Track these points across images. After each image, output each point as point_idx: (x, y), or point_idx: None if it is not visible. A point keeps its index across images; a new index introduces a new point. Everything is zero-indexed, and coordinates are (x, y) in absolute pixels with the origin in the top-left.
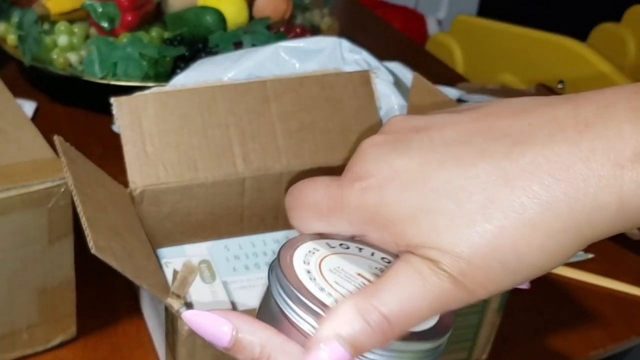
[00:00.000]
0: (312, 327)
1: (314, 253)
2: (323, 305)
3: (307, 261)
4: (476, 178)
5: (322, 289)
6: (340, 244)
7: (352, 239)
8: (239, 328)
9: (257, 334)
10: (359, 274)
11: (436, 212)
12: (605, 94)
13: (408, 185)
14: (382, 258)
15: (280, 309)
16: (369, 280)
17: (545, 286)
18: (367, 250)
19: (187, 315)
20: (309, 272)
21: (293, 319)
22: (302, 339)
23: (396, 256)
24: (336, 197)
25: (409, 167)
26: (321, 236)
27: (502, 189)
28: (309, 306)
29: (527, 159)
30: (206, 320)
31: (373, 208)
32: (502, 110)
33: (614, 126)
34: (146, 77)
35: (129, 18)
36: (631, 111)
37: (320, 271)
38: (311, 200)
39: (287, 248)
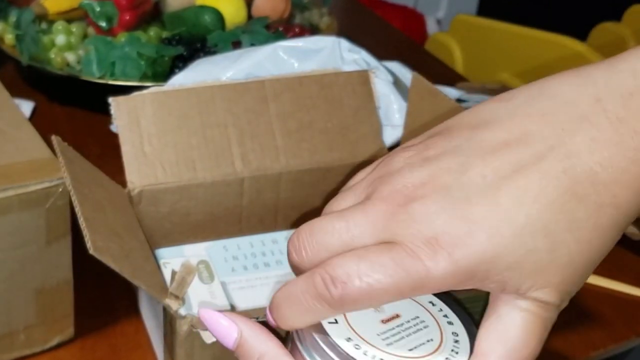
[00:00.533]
0: None
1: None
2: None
3: (341, 331)
4: (552, 204)
5: (357, 346)
6: None
7: None
8: (245, 334)
9: (260, 343)
10: (382, 321)
11: (535, 252)
12: (621, 78)
13: (496, 233)
14: None
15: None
16: (390, 319)
17: None
18: None
19: (202, 313)
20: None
21: None
22: None
23: None
24: (420, 273)
25: (485, 214)
26: None
27: (579, 209)
28: None
29: (585, 173)
30: (218, 321)
31: (469, 268)
32: (523, 120)
33: None
34: (144, 77)
35: (127, 17)
36: None
37: (348, 322)
38: (384, 288)
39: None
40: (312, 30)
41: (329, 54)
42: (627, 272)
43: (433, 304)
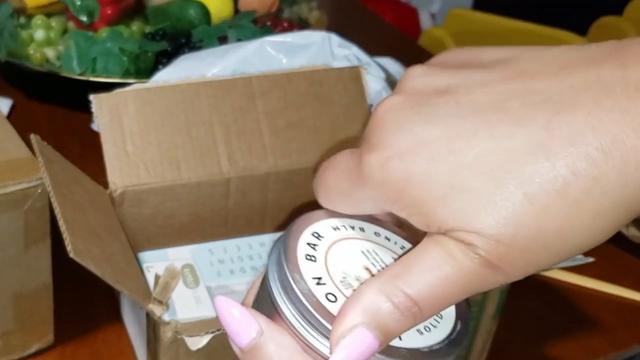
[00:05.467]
0: (309, 332)
1: (321, 238)
2: (323, 312)
3: (312, 250)
4: (513, 151)
5: (324, 284)
6: (352, 227)
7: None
8: (266, 334)
9: (282, 348)
10: (366, 268)
11: (470, 191)
12: None
13: (436, 160)
14: (402, 247)
15: (276, 305)
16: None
17: (544, 291)
18: (384, 234)
19: (220, 301)
20: (313, 259)
21: (296, 327)
22: (302, 344)
23: (416, 240)
24: (356, 173)
25: (436, 138)
26: (337, 215)
27: (543, 165)
28: (310, 312)
29: (570, 130)
30: (236, 315)
31: (398, 186)
32: (539, 68)
33: None
34: (127, 73)
35: (109, 11)
36: None
37: (326, 263)
38: (332, 182)
39: (294, 233)
40: (301, 24)
41: (319, 49)
42: (629, 276)
43: None
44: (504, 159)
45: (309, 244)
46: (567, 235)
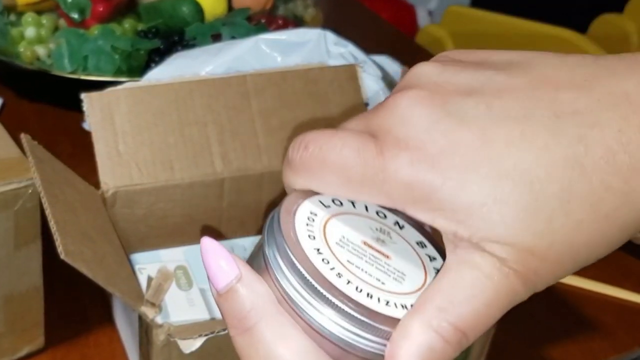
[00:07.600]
0: (306, 301)
1: (315, 215)
2: (330, 287)
3: (310, 230)
4: (551, 166)
5: (331, 268)
6: (334, 200)
7: None
8: (244, 280)
9: (254, 295)
10: (364, 242)
11: (507, 202)
12: None
13: (472, 165)
14: (377, 212)
15: (265, 257)
16: (376, 249)
17: (543, 293)
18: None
19: (206, 242)
20: (318, 250)
21: (294, 299)
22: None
23: (406, 216)
24: (375, 165)
25: (470, 142)
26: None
27: (579, 181)
28: (316, 288)
29: (603, 148)
30: (218, 256)
31: (428, 188)
32: (562, 77)
33: None
34: (119, 72)
35: (101, 9)
36: None
37: (327, 242)
38: (337, 162)
39: (285, 212)
40: (297, 22)
41: (314, 47)
42: (630, 278)
43: (431, 259)
44: (543, 172)
45: (306, 224)
46: (593, 248)
